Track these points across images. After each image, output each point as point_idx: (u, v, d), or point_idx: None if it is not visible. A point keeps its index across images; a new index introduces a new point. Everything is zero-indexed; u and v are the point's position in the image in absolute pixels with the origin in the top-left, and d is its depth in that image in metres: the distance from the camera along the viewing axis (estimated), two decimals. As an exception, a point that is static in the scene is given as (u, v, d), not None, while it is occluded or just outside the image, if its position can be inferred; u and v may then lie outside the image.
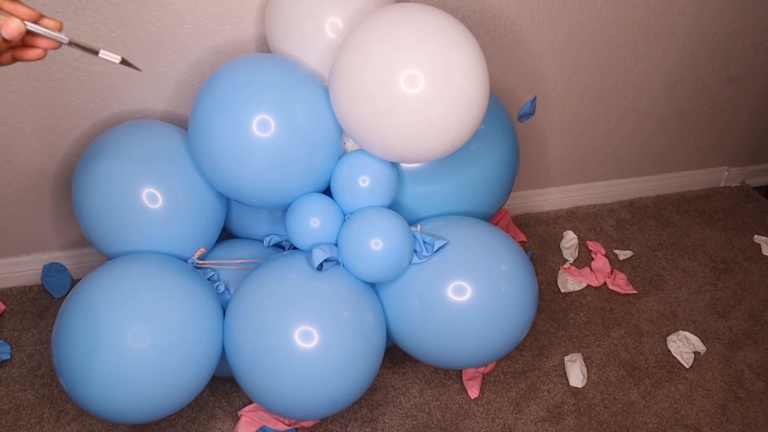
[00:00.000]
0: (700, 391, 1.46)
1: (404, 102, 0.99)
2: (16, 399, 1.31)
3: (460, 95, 1.00)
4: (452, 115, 1.01)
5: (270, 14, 1.17)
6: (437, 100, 0.99)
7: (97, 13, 1.18)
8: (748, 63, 1.83)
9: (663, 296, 1.70)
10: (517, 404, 1.39)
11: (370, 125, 1.04)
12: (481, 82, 1.02)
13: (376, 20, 1.02)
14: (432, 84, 0.98)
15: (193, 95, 1.35)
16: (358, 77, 1.01)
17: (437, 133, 1.03)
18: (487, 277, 1.15)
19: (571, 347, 1.53)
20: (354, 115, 1.05)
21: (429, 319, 1.15)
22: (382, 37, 1.00)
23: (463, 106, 1.01)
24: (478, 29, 1.46)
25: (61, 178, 1.39)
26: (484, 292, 1.13)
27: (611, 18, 1.56)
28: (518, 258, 1.20)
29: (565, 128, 1.77)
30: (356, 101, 1.03)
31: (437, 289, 1.14)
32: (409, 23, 1.00)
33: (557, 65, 1.61)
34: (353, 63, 1.02)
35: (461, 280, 1.13)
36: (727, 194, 2.13)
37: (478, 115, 1.05)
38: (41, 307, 1.49)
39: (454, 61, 0.99)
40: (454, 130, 1.03)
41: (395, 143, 1.05)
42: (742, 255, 1.86)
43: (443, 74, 0.99)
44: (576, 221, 1.93)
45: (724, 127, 2.00)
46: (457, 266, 1.15)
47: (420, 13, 1.02)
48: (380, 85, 0.99)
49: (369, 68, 1.00)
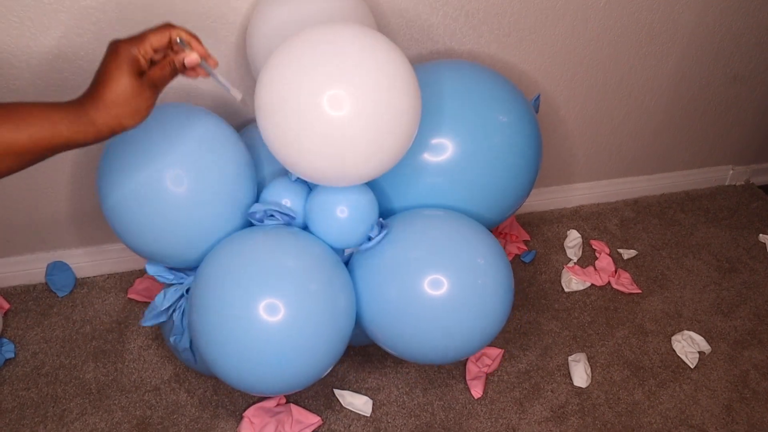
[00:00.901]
0: (705, 391, 1.45)
1: (329, 124, 0.94)
2: (20, 398, 1.31)
3: (387, 113, 0.96)
4: (382, 134, 0.97)
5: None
6: (364, 122, 0.95)
7: (101, 12, 1.18)
8: (752, 61, 1.82)
9: (667, 296, 1.69)
10: (520, 404, 1.38)
11: (298, 149, 0.98)
12: (410, 98, 0.98)
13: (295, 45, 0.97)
14: (357, 106, 0.93)
15: (191, 95, 1.35)
16: (283, 104, 0.95)
17: (365, 153, 0.98)
18: (464, 270, 1.11)
19: (575, 347, 1.52)
20: (280, 139, 0.99)
21: (404, 311, 1.12)
22: (302, 61, 0.95)
23: (390, 124, 0.97)
24: (481, 28, 1.45)
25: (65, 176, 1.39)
26: (459, 285, 1.10)
27: (615, 16, 1.56)
28: (494, 251, 1.16)
29: (569, 127, 1.77)
30: (281, 127, 0.97)
31: (414, 282, 1.10)
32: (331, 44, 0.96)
33: (561, 64, 1.61)
34: (277, 91, 0.96)
35: (438, 273, 1.09)
36: (732, 193, 2.12)
37: (408, 132, 1.01)
38: (45, 306, 1.50)
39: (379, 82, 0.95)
40: (383, 149, 0.99)
41: (323, 166, 1.00)
42: (748, 254, 1.86)
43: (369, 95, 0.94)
44: (580, 220, 1.92)
45: (729, 125, 1.99)
46: (434, 259, 1.12)
47: (337, 32, 0.97)
48: (305, 108, 0.94)
49: (292, 95, 0.94)
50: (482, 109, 1.22)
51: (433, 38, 1.43)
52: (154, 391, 1.35)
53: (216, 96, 1.36)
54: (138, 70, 0.79)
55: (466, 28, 1.44)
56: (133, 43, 0.79)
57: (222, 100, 1.37)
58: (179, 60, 0.83)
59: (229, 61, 1.32)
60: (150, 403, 1.32)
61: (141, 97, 0.78)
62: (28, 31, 1.17)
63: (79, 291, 1.54)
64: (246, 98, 0.97)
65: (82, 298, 1.53)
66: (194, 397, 1.34)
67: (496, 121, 1.23)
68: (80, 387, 1.34)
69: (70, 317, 1.48)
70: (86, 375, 1.36)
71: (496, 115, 1.23)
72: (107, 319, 1.48)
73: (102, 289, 1.55)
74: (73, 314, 1.49)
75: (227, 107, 1.38)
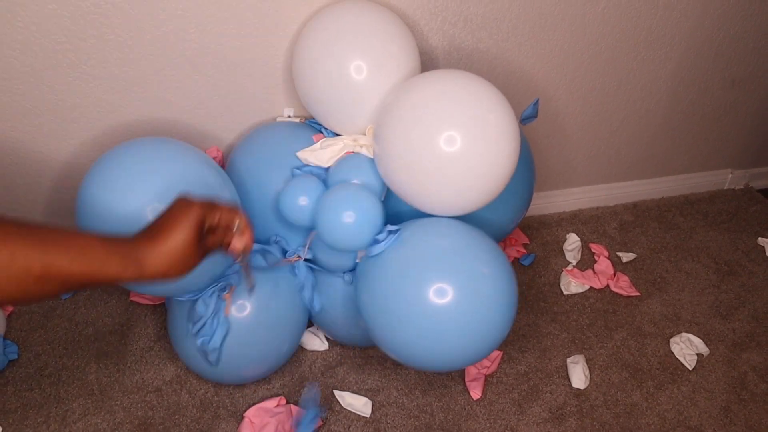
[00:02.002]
0: (703, 393, 1.46)
1: (444, 160, 1.09)
2: (23, 398, 1.32)
3: (492, 152, 1.10)
4: (486, 169, 1.11)
5: (296, 56, 1.26)
6: (473, 158, 1.09)
7: (104, 17, 1.19)
8: (751, 65, 1.83)
9: (666, 298, 1.70)
10: (519, 405, 1.39)
11: (415, 182, 1.14)
12: (512, 139, 1.12)
13: (416, 88, 1.14)
14: (468, 143, 1.08)
15: (198, 100, 1.36)
16: (404, 142, 1.12)
17: (473, 187, 1.13)
18: (467, 280, 1.12)
19: (573, 349, 1.53)
20: (400, 173, 1.15)
21: (409, 320, 1.13)
22: (423, 104, 1.11)
23: (494, 161, 1.11)
24: (480, 33, 1.47)
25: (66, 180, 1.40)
26: (463, 294, 1.11)
27: (613, 21, 1.57)
28: (499, 261, 1.17)
29: (568, 131, 1.78)
30: (402, 161, 1.13)
31: (417, 290, 1.12)
32: (447, 89, 1.12)
33: (560, 68, 1.62)
34: (398, 133, 1.12)
35: (442, 282, 1.10)
36: (731, 197, 2.13)
37: (509, 168, 1.14)
38: (48, 308, 1.51)
39: (487, 122, 1.10)
40: (487, 182, 1.13)
41: (437, 197, 1.15)
42: (746, 257, 1.86)
43: (478, 134, 1.09)
44: (579, 224, 1.93)
45: (728, 129, 2.00)
46: (438, 267, 1.13)
47: (455, 79, 1.14)
48: (423, 146, 1.09)
49: (414, 132, 1.10)
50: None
51: (431, 43, 1.45)
52: (156, 392, 1.36)
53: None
54: (200, 234, 0.81)
55: (465, 33, 1.46)
56: (206, 209, 0.82)
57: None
58: (228, 241, 0.87)
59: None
60: (152, 403, 1.33)
61: (193, 257, 0.79)
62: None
63: (82, 293, 1.55)
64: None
65: (85, 300, 1.54)
66: (195, 397, 1.35)
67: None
68: (83, 388, 1.35)
69: (72, 319, 1.49)
70: (89, 376, 1.37)
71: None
72: (110, 321, 1.49)
73: (104, 291, 1.56)
74: (75, 316, 1.50)
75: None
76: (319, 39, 1.20)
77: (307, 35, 1.23)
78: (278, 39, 1.33)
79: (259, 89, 1.39)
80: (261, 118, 1.44)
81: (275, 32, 1.32)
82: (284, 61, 1.36)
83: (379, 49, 1.20)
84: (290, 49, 1.35)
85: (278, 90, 1.41)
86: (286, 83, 1.40)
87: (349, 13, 1.22)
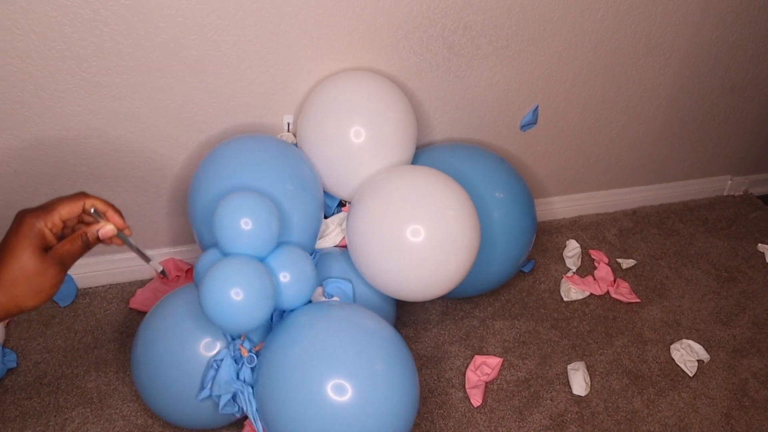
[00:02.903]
0: (704, 400, 1.46)
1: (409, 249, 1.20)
2: (22, 407, 1.32)
3: (452, 241, 1.22)
4: (447, 257, 1.23)
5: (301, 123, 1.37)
6: (434, 247, 1.20)
7: (104, 24, 1.19)
8: (749, 72, 1.84)
9: (666, 305, 1.70)
10: (520, 413, 1.39)
11: (382, 268, 1.24)
12: (471, 231, 1.24)
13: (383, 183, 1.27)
14: (430, 234, 1.20)
15: (198, 107, 1.36)
16: (373, 230, 1.24)
17: (435, 273, 1.23)
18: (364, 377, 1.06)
19: (574, 356, 1.53)
20: (368, 255, 1.25)
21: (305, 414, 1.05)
22: (390, 197, 1.24)
23: (454, 250, 1.23)
24: (479, 39, 1.47)
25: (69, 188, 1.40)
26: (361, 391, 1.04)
27: (612, 28, 1.57)
28: (398, 357, 1.12)
29: (568, 137, 1.78)
30: (371, 247, 1.24)
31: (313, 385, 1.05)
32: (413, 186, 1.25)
33: (559, 75, 1.62)
34: (366, 219, 1.25)
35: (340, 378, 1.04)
36: (731, 203, 2.13)
37: (468, 257, 1.25)
38: (47, 316, 1.51)
39: (446, 215, 1.22)
40: (448, 269, 1.24)
41: (400, 282, 1.24)
42: (746, 263, 1.86)
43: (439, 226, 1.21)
44: (579, 230, 1.93)
45: (727, 136, 2.00)
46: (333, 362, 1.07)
47: (420, 176, 1.27)
48: (391, 235, 1.21)
49: (383, 222, 1.22)
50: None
51: (431, 50, 1.45)
52: (155, 400, 1.35)
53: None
54: (43, 246, 0.72)
55: (465, 39, 1.46)
56: (40, 216, 0.72)
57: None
58: (92, 233, 0.77)
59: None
60: (151, 412, 1.33)
61: (44, 276, 0.71)
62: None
63: (81, 301, 1.55)
64: (162, 268, 0.92)
65: (84, 308, 1.53)
66: (195, 406, 1.34)
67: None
68: (82, 396, 1.35)
69: (72, 327, 1.49)
70: (88, 384, 1.37)
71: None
72: (109, 329, 1.49)
73: (104, 299, 1.56)
74: (75, 324, 1.49)
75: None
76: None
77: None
78: (278, 45, 1.33)
79: (259, 96, 1.39)
80: (261, 125, 1.44)
81: (276, 39, 1.32)
82: (284, 68, 1.37)
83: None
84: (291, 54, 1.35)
85: (278, 97, 1.41)
86: (286, 90, 1.40)
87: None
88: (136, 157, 1.40)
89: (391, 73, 1.46)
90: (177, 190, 1.49)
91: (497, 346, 1.53)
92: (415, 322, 1.56)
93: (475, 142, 1.67)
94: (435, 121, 1.59)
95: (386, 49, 1.42)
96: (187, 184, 1.43)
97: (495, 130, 1.67)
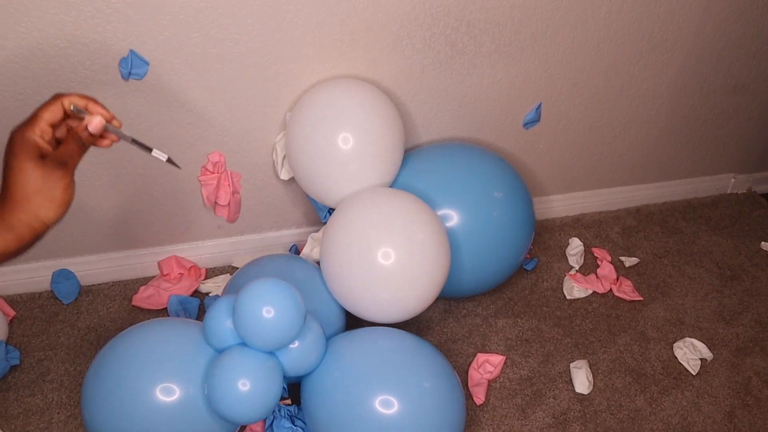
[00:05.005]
0: (707, 398, 1.45)
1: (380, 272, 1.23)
2: (26, 404, 1.32)
3: (422, 266, 1.25)
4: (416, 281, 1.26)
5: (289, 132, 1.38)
6: (404, 271, 1.23)
7: (106, 22, 1.20)
8: (753, 70, 1.83)
9: (669, 303, 1.69)
10: (522, 411, 1.39)
11: (354, 290, 1.28)
12: (441, 255, 1.27)
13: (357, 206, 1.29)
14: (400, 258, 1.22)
15: (201, 105, 1.36)
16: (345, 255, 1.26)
17: (405, 297, 1.26)
18: (412, 393, 1.14)
19: (576, 354, 1.53)
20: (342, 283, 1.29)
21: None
22: (362, 224, 1.26)
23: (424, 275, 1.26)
24: (482, 37, 1.47)
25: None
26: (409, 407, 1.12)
27: (615, 26, 1.57)
28: (443, 373, 1.20)
29: (571, 135, 1.78)
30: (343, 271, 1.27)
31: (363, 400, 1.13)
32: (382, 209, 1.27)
33: (562, 73, 1.62)
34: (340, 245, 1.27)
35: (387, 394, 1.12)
36: (734, 201, 2.13)
37: (437, 282, 1.29)
38: (50, 313, 1.51)
39: (416, 240, 1.25)
40: (417, 293, 1.27)
41: (372, 304, 1.27)
42: (749, 262, 1.86)
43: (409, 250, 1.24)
44: (582, 228, 1.93)
45: (730, 134, 2.00)
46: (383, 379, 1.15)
47: (390, 199, 1.30)
48: (362, 260, 1.24)
49: (353, 248, 1.25)
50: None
51: (434, 48, 1.45)
52: (158, 397, 1.35)
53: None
54: (39, 154, 0.72)
55: (467, 37, 1.46)
56: (27, 127, 0.73)
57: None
58: (82, 129, 0.76)
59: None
60: (154, 409, 1.33)
61: (50, 179, 0.71)
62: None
63: (84, 298, 1.55)
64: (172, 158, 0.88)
65: (87, 305, 1.54)
66: (198, 403, 1.34)
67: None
68: (85, 393, 1.35)
69: (75, 324, 1.49)
70: (91, 381, 1.37)
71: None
72: (112, 327, 1.49)
73: (107, 296, 1.56)
74: (78, 321, 1.50)
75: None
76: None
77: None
78: (280, 43, 1.33)
79: (262, 93, 1.39)
80: (263, 122, 1.44)
81: (277, 36, 1.32)
82: (286, 65, 1.37)
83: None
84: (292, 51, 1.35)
85: (280, 95, 1.41)
86: (289, 88, 1.40)
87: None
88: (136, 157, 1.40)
89: (392, 72, 1.46)
90: (177, 191, 1.49)
91: (500, 344, 1.53)
92: (417, 320, 1.56)
93: (477, 140, 1.66)
94: (437, 120, 1.59)
95: (388, 47, 1.41)
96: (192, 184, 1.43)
97: (497, 129, 1.67)
